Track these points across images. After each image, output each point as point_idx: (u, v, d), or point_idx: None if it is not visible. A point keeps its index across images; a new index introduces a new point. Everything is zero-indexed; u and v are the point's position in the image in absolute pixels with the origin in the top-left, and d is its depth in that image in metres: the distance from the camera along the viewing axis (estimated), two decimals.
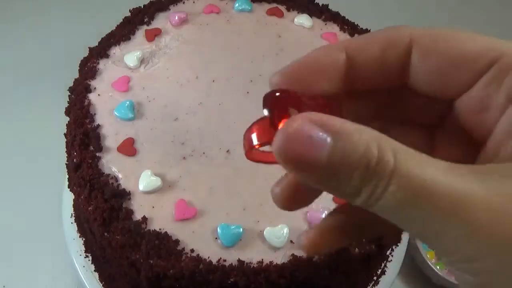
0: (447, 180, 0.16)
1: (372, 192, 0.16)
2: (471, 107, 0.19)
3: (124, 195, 0.36)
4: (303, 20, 0.50)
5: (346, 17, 0.52)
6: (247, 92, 0.43)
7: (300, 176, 0.18)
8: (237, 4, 0.50)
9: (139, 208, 0.36)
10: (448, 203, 0.15)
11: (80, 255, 0.47)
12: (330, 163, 0.16)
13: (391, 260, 0.49)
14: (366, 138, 0.16)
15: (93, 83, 0.42)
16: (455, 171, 0.16)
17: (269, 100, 0.19)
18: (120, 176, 0.37)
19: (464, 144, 0.20)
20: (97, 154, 0.38)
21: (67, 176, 0.43)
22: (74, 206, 0.50)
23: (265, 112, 0.19)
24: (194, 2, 0.50)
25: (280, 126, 0.17)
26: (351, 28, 0.51)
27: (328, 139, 0.16)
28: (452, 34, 0.18)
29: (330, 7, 0.53)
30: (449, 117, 0.20)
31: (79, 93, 0.42)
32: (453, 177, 0.16)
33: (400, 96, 0.21)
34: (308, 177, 0.17)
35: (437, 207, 0.15)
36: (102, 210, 0.35)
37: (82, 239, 0.48)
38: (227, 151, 0.39)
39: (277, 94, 0.19)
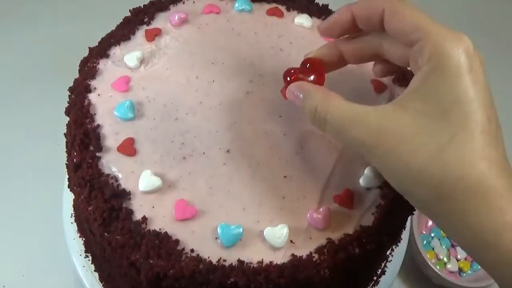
0: (358, 116, 0.30)
1: (320, 128, 0.33)
2: (413, 59, 0.31)
3: (124, 195, 0.36)
4: (303, 20, 0.50)
5: None
6: (247, 92, 0.43)
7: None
8: (237, 4, 0.50)
9: (139, 208, 0.36)
10: (353, 130, 0.30)
11: (80, 255, 0.47)
12: (303, 111, 0.34)
13: (391, 260, 0.49)
14: (312, 99, 0.33)
15: (93, 83, 0.42)
16: (365, 110, 0.30)
17: (284, 73, 0.37)
18: (120, 176, 0.37)
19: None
20: (97, 154, 0.38)
21: (67, 176, 0.43)
22: (74, 206, 0.50)
23: (283, 79, 0.37)
24: (194, 2, 0.50)
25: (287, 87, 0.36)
26: None
27: (301, 95, 0.34)
28: (401, 10, 0.31)
29: (330, 7, 0.53)
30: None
31: (79, 93, 0.42)
32: (361, 114, 0.30)
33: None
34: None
35: (350, 132, 0.30)
36: (102, 210, 0.35)
37: (82, 239, 0.48)
38: (227, 151, 0.39)
39: (292, 70, 0.37)
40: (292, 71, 0.37)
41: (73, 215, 0.50)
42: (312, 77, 0.36)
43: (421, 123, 0.28)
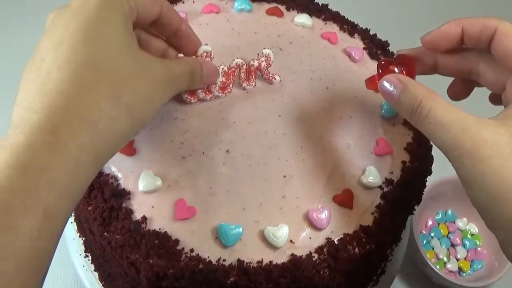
0: (459, 120, 0.30)
1: (415, 122, 0.32)
2: None
3: (124, 194, 0.36)
4: (303, 19, 0.50)
5: (346, 17, 0.52)
6: (247, 92, 0.43)
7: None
8: (237, 4, 0.50)
9: (139, 208, 0.36)
10: (450, 133, 0.30)
11: (80, 254, 0.47)
12: (393, 102, 0.34)
13: (391, 260, 0.49)
14: (416, 93, 0.32)
15: None
16: (466, 116, 0.30)
17: (378, 65, 0.38)
18: (119, 175, 0.37)
19: None
20: None
21: None
22: None
23: (376, 70, 0.38)
24: (194, 1, 0.50)
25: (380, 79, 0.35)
26: (351, 28, 0.51)
27: (395, 91, 0.33)
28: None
29: (329, 6, 0.53)
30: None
31: None
32: (462, 119, 0.30)
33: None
34: (388, 101, 0.35)
35: (448, 133, 0.30)
36: (101, 210, 0.35)
37: (82, 238, 0.48)
38: (227, 151, 0.39)
39: (382, 62, 0.37)
40: (383, 62, 0.37)
41: (72, 214, 0.50)
42: (404, 73, 0.36)
43: None
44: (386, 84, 0.34)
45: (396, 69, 0.36)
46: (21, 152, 0.25)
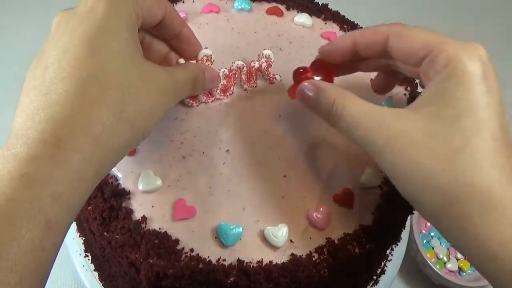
0: (373, 114, 0.30)
1: (332, 122, 0.33)
2: (424, 73, 0.32)
3: (124, 194, 0.36)
4: (303, 19, 0.50)
5: (346, 16, 0.52)
6: (247, 92, 0.43)
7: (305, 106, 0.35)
8: (236, 3, 0.50)
9: (139, 208, 0.36)
10: (366, 128, 0.30)
11: (80, 254, 0.47)
12: (312, 106, 0.34)
13: (391, 260, 0.49)
14: (330, 94, 0.33)
15: None
16: (381, 110, 0.30)
17: (294, 73, 0.38)
18: (119, 175, 0.37)
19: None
20: None
21: None
22: None
23: (293, 79, 0.38)
24: (193, 1, 0.50)
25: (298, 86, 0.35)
26: (351, 27, 0.51)
27: (315, 92, 0.34)
28: (407, 32, 0.32)
29: (329, 6, 0.53)
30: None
31: None
32: (376, 113, 0.30)
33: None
34: (308, 107, 0.35)
35: (365, 129, 0.30)
36: (101, 210, 0.35)
37: (82, 238, 0.48)
38: (227, 150, 0.39)
39: (301, 70, 0.38)
40: (301, 70, 0.37)
41: None
42: (321, 77, 0.37)
43: (434, 127, 0.28)
44: (302, 91, 0.35)
45: (315, 77, 0.37)
46: (25, 164, 0.25)
